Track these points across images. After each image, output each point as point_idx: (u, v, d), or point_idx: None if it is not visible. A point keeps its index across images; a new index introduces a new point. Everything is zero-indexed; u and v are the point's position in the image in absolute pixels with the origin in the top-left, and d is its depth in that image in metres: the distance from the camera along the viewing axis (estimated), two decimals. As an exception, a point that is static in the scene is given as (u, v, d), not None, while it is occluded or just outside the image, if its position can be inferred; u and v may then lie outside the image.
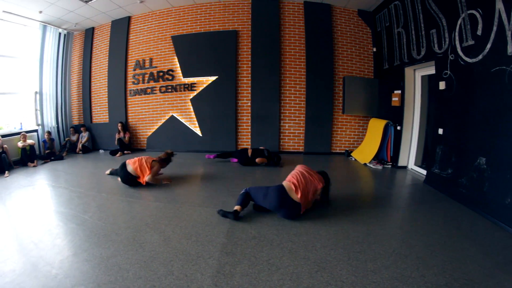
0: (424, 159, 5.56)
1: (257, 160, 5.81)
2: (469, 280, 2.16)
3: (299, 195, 3.20)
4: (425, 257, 2.48)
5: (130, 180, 4.55)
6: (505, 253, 2.57)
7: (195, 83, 7.31)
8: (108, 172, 5.33)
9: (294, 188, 3.26)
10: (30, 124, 7.77)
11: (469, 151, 3.85)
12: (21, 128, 7.38)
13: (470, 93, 3.87)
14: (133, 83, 7.75)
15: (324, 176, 3.58)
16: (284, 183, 3.38)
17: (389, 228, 3.13)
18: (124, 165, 4.60)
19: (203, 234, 2.96)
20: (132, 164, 4.57)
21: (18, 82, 7.70)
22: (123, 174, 4.57)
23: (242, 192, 3.47)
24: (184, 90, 7.37)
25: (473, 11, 3.68)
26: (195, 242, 2.79)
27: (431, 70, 4.95)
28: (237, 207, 3.31)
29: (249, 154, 5.90)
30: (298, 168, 3.55)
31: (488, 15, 3.43)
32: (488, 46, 3.46)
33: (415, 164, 5.63)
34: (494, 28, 3.34)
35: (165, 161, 4.94)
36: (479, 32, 3.61)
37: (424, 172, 5.13)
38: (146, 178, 4.49)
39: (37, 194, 4.50)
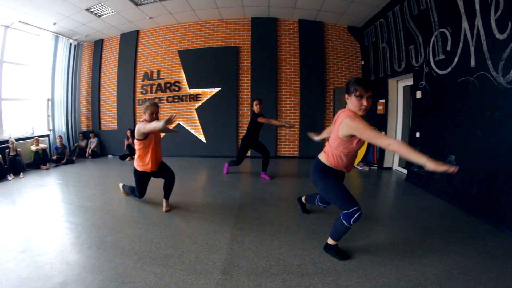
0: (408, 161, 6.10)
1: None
2: (432, 249, 2.70)
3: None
4: (396, 232, 3.08)
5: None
6: (468, 232, 3.12)
7: (200, 94, 7.87)
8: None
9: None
10: (41, 129, 8.14)
11: (442, 150, 4.35)
12: (32, 133, 7.74)
13: (441, 100, 4.39)
14: (142, 93, 8.28)
15: None
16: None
17: (373, 216, 3.65)
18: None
19: (218, 216, 3.61)
20: None
21: (29, 89, 8.00)
22: None
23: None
24: (190, 100, 7.92)
25: (444, 30, 4.22)
26: (211, 221, 3.42)
27: (410, 81, 5.45)
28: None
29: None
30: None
31: (456, 33, 3.95)
32: (456, 60, 3.97)
33: (399, 165, 6.16)
34: (461, 44, 3.85)
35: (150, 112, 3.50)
36: (448, 48, 4.13)
37: (406, 171, 5.62)
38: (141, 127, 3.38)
39: (60, 191, 4.86)
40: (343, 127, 2.17)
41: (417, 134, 5.06)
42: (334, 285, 2.15)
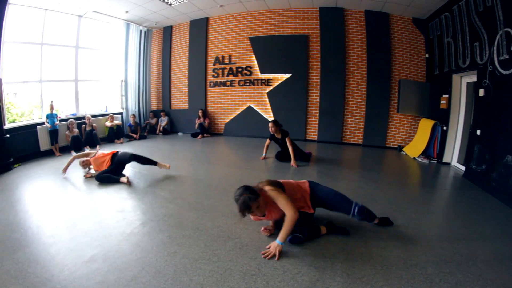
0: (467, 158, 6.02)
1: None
2: (483, 236, 3.16)
3: None
4: (458, 231, 3.38)
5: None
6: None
7: (271, 79, 9.07)
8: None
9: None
10: (113, 107, 9.60)
11: (500, 150, 4.59)
12: (106, 111, 9.22)
13: (503, 100, 4.63)
14: (213, 76, 9.57)
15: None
16: None
17: (434, 208, 4.23)
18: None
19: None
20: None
21: (102, 71, 9.37)
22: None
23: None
24: (261, 85, 9.15)
25: (509, 29, 4.39)
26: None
27: (474, 78, 5.71)
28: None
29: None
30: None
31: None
32: (519, 61, 4.18)
33: (458, 162, 6.46)
34: (524, 45, 4.06)
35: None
36: (512, 48, 4.32)
37: (464, 168, 5.93)
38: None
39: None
40: None
41: (478, 132, 5.38)
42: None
